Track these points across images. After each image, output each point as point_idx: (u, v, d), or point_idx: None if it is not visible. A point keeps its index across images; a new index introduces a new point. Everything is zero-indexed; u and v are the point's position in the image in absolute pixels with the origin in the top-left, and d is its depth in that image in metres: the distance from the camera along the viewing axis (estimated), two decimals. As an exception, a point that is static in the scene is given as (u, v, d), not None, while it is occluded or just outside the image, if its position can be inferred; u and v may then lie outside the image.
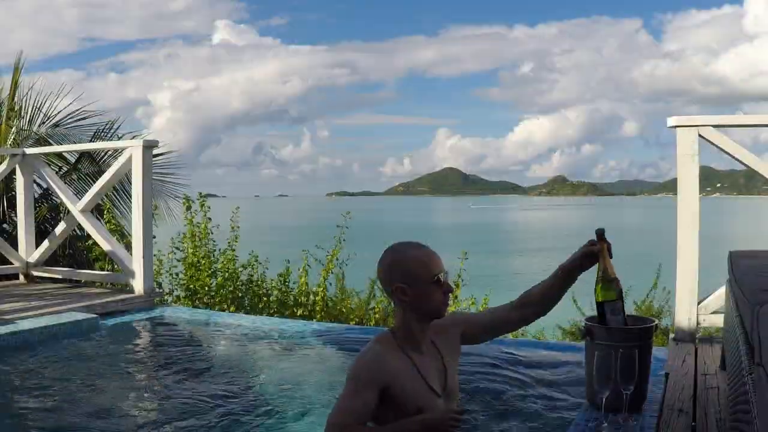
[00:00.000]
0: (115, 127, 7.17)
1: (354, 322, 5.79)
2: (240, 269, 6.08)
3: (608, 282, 2.00)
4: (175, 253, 6.11)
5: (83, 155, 7.02)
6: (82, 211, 5.06)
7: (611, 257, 1.99)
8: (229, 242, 6.15)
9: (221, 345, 3.70)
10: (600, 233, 2.00)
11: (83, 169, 7.05)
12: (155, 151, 5.51)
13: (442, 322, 2.12)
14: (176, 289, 6.08)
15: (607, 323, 2.05)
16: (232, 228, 6.20)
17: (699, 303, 3.57)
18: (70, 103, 7.11)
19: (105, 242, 5.02)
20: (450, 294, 2.07)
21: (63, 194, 5.25)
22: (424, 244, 2.08)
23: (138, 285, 4.71)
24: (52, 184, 5.37)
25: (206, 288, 5.86)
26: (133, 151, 4.75)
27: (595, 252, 2.00)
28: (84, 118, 7.16)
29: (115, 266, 5.51)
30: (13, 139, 6.81)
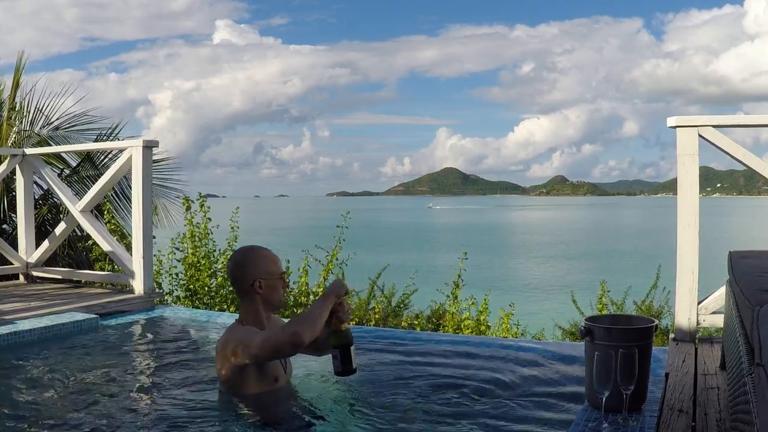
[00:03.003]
0: (116, 131, 7.18)
1: (354, 322, 5.79)
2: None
3: (334, 332, 2.38)
4: (175, 254, 6.11)
5: (84, 160, 7.03)
6: (82, 211, 5.05)
7: (345, 318, 2.39)
8: (228, 242, 6.15)
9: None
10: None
11: (83, 172, 7.05)
12: (155, 157, 5.51)
13: (274, 319, 2.61)
14: (176, 290, 6.08)
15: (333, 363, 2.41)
16: (232, 228, 6.21)
17: (699, 303, 3.57)
18: (72, 106, 7.11)
19: (105, 242, 5.02)
20: (287, 289, 2.62)
21: (63, 194, 5.25)
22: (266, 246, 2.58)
23: (138, 285, 4.71)
24: (52, 184, 5.37)
25: (206, 288, 5.86)
26: (133, 151, 4.75)
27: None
28: (87, 123, 7.16)
29: (115, 266, 5.51)
30: (14, 139, 6.81)
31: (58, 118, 7.09)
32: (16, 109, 6.94)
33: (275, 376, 2.49)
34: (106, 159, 7.02)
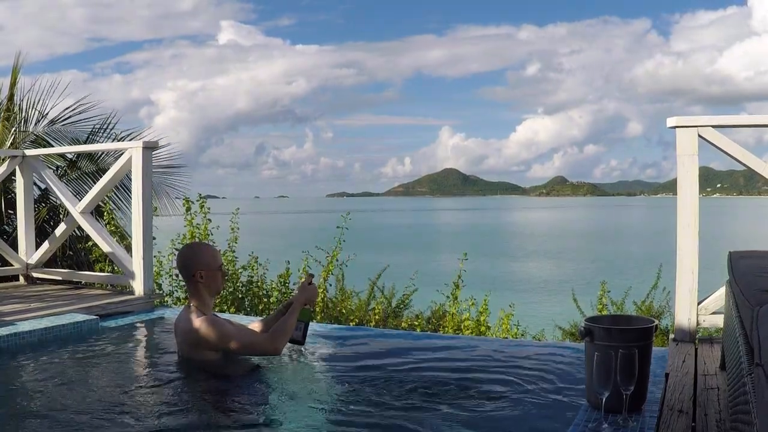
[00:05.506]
0: (113, 123, 7.14)
1: (354, 323, 5.79)
2: (240, 270, 6.08)
3: (303, 310, 3.04)
4: (175, 255, 6.11)
5: (82, 153, 7.01)
6: (82, 212, 5.05)
7: (313, 302, 3.15)
8: (228, 243, 6.15)
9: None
10: (309, 276, 3.14)
11: (82, 167, 7.04)
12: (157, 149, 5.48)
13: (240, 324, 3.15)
14: (176, 291, 6.08)
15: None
16: (232, 229, 6.21)
17: (699, 303, 3.57)
18: (67, 101, 7.10)
19: (105, 244, 5.01)
20: (226, 277, 3.27)
21: (62, 195, 5.24)
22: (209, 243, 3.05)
23: (138, 286, 4.71)
24: (51, 185, 5.36)
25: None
26: (132, 152, 4.75)
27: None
28: (81, 112, 7.13)
29: (115, 268, 5.50)
30: (12, 140, 6.81)
31: (52, 110, 7.06)
32: (13, 109, 6.93)
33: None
34: (104, 155, 7.00)
